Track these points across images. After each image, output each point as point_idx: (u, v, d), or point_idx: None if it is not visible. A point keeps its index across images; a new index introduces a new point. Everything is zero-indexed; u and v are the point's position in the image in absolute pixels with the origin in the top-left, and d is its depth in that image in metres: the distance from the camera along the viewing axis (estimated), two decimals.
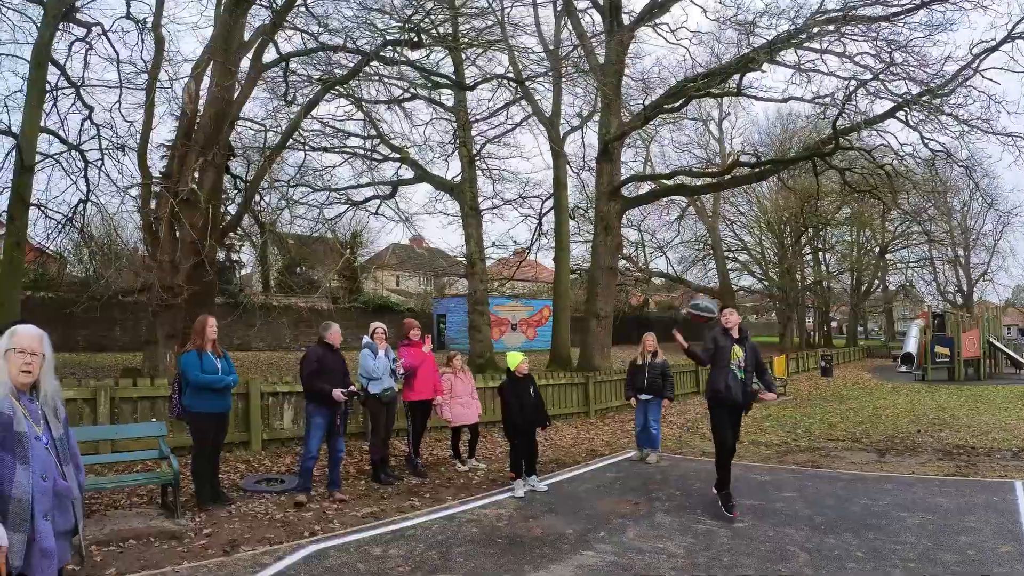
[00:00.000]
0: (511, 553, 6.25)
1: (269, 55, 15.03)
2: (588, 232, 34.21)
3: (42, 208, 15.30)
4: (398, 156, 23.49)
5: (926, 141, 21.05)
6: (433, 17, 14.05)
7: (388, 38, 13.84)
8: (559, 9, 22.76)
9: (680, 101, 22.26)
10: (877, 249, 55.15)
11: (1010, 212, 49.26)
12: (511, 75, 18.01)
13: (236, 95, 14.25)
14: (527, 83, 18.45)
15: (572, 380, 17.05)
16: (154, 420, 8.89)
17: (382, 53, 13.96)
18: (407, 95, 20.89)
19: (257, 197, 15.85)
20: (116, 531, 6.47)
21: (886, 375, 35.20)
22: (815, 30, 19.19)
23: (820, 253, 54.80)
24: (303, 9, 14.48)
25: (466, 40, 16.04)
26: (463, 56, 19.44)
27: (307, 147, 19.12)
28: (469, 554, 6.20)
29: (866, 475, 10.12)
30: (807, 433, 14.60)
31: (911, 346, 36.18)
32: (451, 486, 9.14)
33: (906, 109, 20.05)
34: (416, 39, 13.57)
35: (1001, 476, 9.79)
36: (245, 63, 14.66)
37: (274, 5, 14.30)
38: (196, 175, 13.77)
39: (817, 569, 5.91)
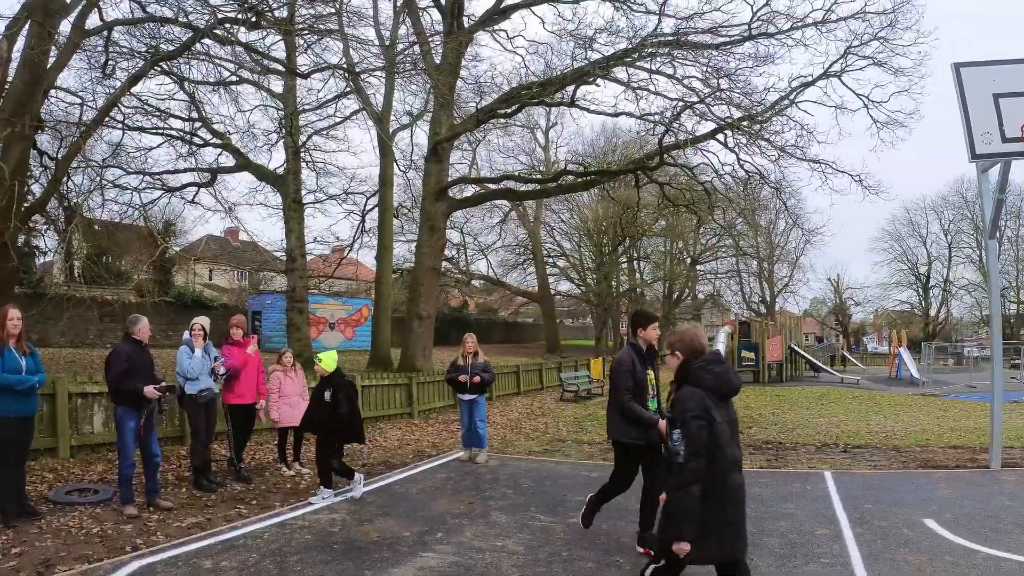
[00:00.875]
0: (349, 559, 6.06)
1: (92, 21, 13.83)
2: (412, 232, 34.16)
3: None
4: (220, 142, 22.43)
5: (742, 162, 22.51)
6: None
7: (222, 15, 13.07)
8: (399, 4, 22.51)
9: (514, 107, 22.55)
10: (689, 260, 58.24)
11: (812, 231, 53.68)
12: (345, 66, 17.56)
13: (52, 61, 13.03)
14: (361, 76, 18.06)
15: (395, 381, 16.95)
16: None
17: (215, 31, 13.21)
18: (235, 78, 19.98)
19: (66, 177, 14.58)
20: None
21: None
22: (649, 50, 19.97)
23: (636, 262, 57.22)
24: None
25: (303, 25, 15.42)
26: (297, 42, 18.77)
27: (124, 125, 17.81)
28: (306, 562, 5.94)
29: None
30: None
31: (719, 350, 38.63)
32: (279, 491, 8.76)
33: (727, 132, 21.29)
34: (253, 20, 12.92)
35: (810, 467, 10.59)
36: (65, 27, 13.42)
37: None
38: (0, 147, 12.51)
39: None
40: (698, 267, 60.14)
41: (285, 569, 5.76)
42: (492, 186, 27.87)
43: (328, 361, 8.54)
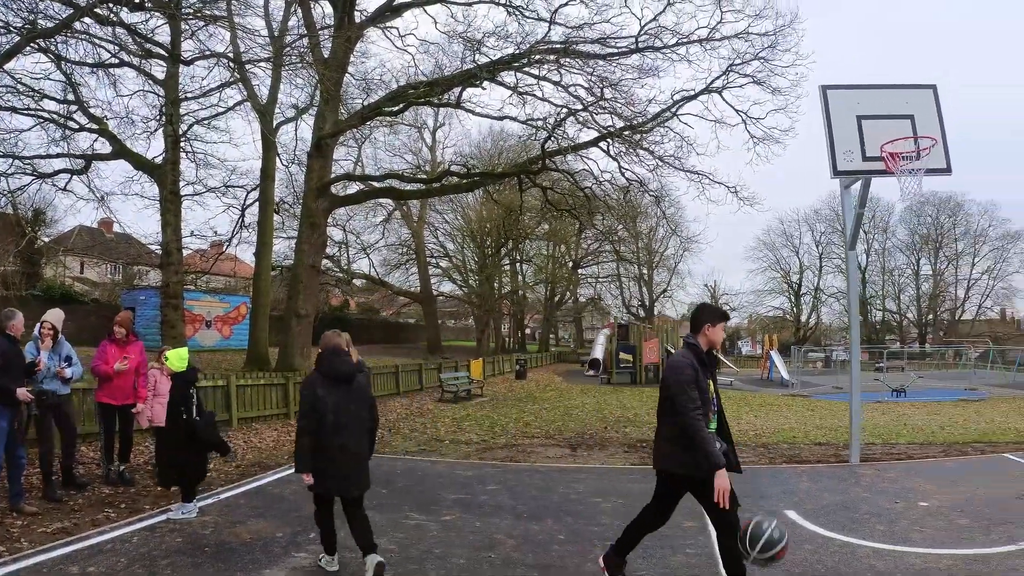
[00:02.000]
0: (221, 561, 6.00)
1: None
2: (292, 228, 33.49)
3: None
4: (96, 127, 21.42)
5: (623, 170, 23.17)
6: None
7: None
8: None
9: (400, 106, 22.48)
10: (571, 264, 59.45)
11: (690, 239, 55.81)
12: (231, 55, 17.13)
13: None
14: (246, 66, 17.64)
15: (272, 380, 16.67)
16: None
17: (97, 9, 12.68)
18: (115, 61, 19.14)
19: None
20: None
21: (575, 378, 38.03)
22: (537, 57, 20.32)
23: (518, 264, 57.94)
24: None
25: (189, 10, 14.93)
26: (182, 27, 18.17)
27: None
28: (176, 565, 5.85)
29: (563, 467, 10.99)
30: (504, 431, 15.44)
31: (598, 352, 39.92)
32: (148, 494, 8.48)
33: (609, 140, 21.88)
34: (137, 0, 12.49)
35: None
36: None
37: None
38: None
39: (524, 554, 6.34)
40: (579, 271, 61.51)
41: (155, 573, 5.67)
42: (376, 184, 27.67)
43: (174, 360, 7.63)
